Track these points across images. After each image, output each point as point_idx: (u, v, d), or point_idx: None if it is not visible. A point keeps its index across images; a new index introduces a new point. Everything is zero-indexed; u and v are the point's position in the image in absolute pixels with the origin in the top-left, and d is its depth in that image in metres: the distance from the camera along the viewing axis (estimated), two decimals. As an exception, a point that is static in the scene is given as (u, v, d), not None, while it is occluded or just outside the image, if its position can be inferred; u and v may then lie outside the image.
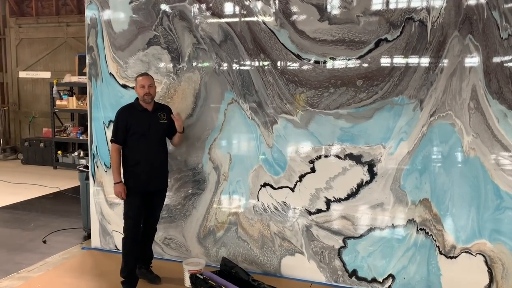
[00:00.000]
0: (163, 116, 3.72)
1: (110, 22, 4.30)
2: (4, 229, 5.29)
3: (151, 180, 3.67)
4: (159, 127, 3.69)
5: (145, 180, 3.63)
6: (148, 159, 3.62)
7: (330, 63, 3.66)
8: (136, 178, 3.63)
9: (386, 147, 3.61)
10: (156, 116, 3.69)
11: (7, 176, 8.15)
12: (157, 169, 3.71)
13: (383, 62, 3.54)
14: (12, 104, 10.63)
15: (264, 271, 4.04)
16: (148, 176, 3.64)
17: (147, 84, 3.60)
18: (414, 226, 3.61)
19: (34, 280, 3.87)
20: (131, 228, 3.63)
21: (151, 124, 3.64)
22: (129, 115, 3.63)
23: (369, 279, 3.76)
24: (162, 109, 3.77)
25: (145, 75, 3.68)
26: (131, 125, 3.59)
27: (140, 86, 3.60)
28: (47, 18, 10.02)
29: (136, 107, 3.68)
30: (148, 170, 3.63)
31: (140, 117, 3.63)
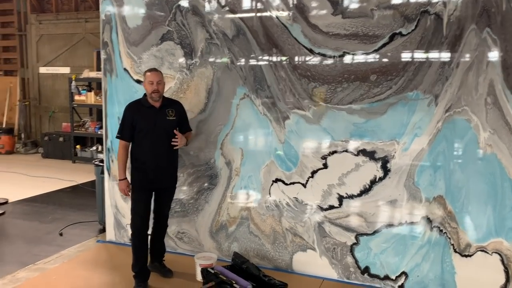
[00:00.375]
0: (171, 112, 3.62)
1: (124, 17, 4.32)
2: (23, 222, 5.41)
3: (157, 178, 3.62)
4: (166, 124, 3.58)
5: (151, 177, 3.59)
6: (154, 157, 3.56)
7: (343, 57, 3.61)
8: (142, 175, 3.60)
9: (400, 143, 3.55)
10: (164, 112, 3.59)
11: (27, 170, 8.32)
12: (163, 167, 3.64)
13: (397, 56, 3.48)
14: (33, 99, 10.83)
15: (276, 267, 4.04)
16: (154, 174, 3.59)
17: (155, 80, 3.50)
18: (428, 224, 3.55)
19: (49, 272, 3.95)
20: (139, 225, 3.61)
21: (157, 121, 3.56)
22: (135, 112, 3.58)
23: (382, 276, 3.72)
24: (171, 105, 3.67)
25: (154, 71, 3.58)
26: (137, 121, 3.54)
27: (149, 82, 3.51)
28: (66, 14, 10.16)
29: (143, 104, 3.61)
30: (154, 167, 3.57)
31: (146, 113, 3.56)
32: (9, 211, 5.80)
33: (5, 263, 4.17)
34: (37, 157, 9.87)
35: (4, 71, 11.20)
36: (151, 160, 3.56)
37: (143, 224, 3.64)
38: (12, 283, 3.70)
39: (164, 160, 3.63)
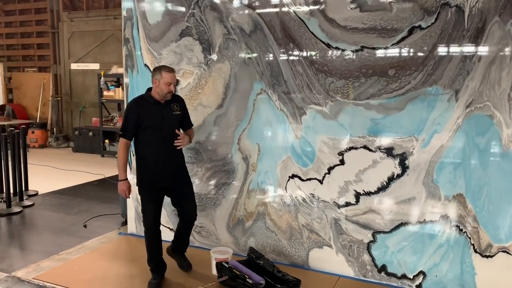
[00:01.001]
0: (176, 107, 3.56)
1: (145, 14, 4.39)
2: (50, 213, 5.60)
3: (167, 175, 3.52)
4: (172, 119, 3.53)
5: (160, 175, 3.50)
6: (163, 153, 3.48)
7: (361, 52, 3.54)
8: (150, 173, 3.50)
9: (419, 140, 3.46)
10: (169, 107, 3.53)
11: (58, 163, 8.60)
12: (172, 163, 3.55)
13: (416, 50, 3.39)
14: (65, 95, 11.18)
15: (292, 263, 4.03)
16: (163, 171, 3.50)
17: (173, 82, 3.46)
18: (447, 222, 3.45)
19: (71, 262, 4.08)
20: (151, 224, 3.54)
21: (165, 117, 3.48)
22: (140, 108, 3.46)
23: (399, 275, 3.65)
24: (174, 100, 3.59)
25: (173, 72, 3.50)
26: (143, 118, 3.43)
27: (167, 83, 3.42)
28: (96, 11, 10.41)
29: (147, 100, 3.50)
30: (162, 164, 3.48)
31: (152, 109, 3.46)
32: (38, 202, 6.02)
33: (31, 252, 4.33)
34: (68, 151, 10.19)
35: (38, 67, 11.60)
36: (159, 157, 3.47)
37: (155, 223, 3.57)
38: (36, 272, 3.84)
39: (172, 156, 3.54)
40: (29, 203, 5.88)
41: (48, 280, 3.67)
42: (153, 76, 3.50)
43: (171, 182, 3.58)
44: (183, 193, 3.68)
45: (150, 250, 3.62)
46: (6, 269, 3.90)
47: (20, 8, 11.50)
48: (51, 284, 3.61)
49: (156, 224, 3.60)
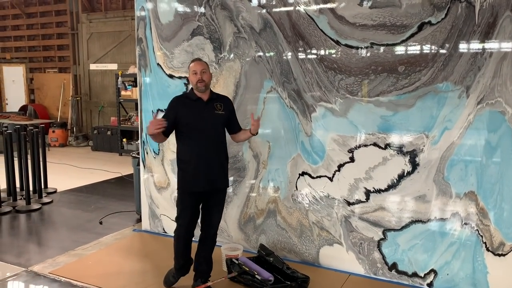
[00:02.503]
0: (219, 106, 3.32)
1: (157, 13, 4.45)
2: (68, 210, 5.73)
3: (204, 179, 3.24)
4: (214, 119, 3.28)
5: (197, 178, 3.24)
6: (200, 154, 3.22)
7: (370, 48, 3.53)
8: (187, 176, 3.26)
9: (429, 137, 3.43)
10: (212, 106, 3.29)
11: (77, 162, 8.79)
12: (211, 166, 3.26)
13: (426, 46, 3.36)
14: (84, 95, 11.40)
15: (303, 260, 4.04)
16: (201, 174, 3.23)
17: (199, 69, 3.21)
18: (459, 220, 3.41)
19: (86, 257, 4.18)
20: (184, 228, 3.33)
21: (205, 115, 3.25)
22: (180, 105, 3.29)
23: (410, 273, 3.62)
24: (220, 99, 3.39)
25: (198, 60, 3.33)
26: (182, 115, 3.24)
27: (193, 73, 3.23)
28: (114, 12, 10.59)
29: (189, 97, 3.33)
30: (200, 166, 3.22)
31: (193, 106, 3.26)
32: (57, 200, 6.17)
33: (48, 247, 4.45)
34: (87, 150, 10.39)
35: (58, 68, 11.87)
36: (196, 158, 3.22)
37: (188, 231, 3.36)
38: (52, 267, 3.95)
39: (211, 158, 3.26)
40: (48, 200, 6.03)
41: (63, 275, 3.77)
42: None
43: (209, 186, 3.28)
44: (216, 202, 3.40)
45: (177, 254, 3.44)
46: (23, 264, 4.02)
47: (41, 10, 11.79)
48: (66, 279, 3.71)
49: (189, 230, 3.37)
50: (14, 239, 4.72)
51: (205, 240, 3.45)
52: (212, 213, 3.39)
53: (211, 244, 3.48)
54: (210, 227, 3.41)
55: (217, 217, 3.42)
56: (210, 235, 3.44)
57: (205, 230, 3.43)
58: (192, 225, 3.38)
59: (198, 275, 3.51)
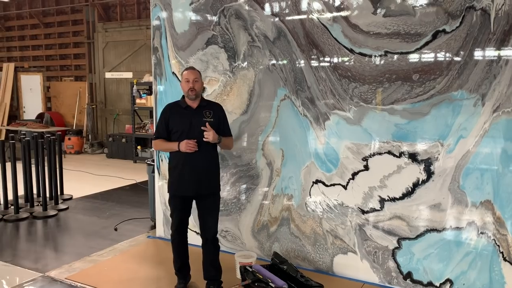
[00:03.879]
0: (208, 114, 3.44)
1: (173, 23, 4.52)
2: (83, 216, 5.80)
3: (188, 184, 3.39)
4: (202, 125, 3.37)
5: (181, 183, 3.41)
6: (189, 160, 3.36)
7: (384, 57, 3.53)
8: (175, 181, 3.45)
9: (444, 145, 3.41)
10: (201, 113, 3.42)
11: (92, 169, 8.90)
12: (199, 171, 3.39)
13: (441, 55, 3.35)
14: (99, 103, 11.56)
15: (317, 268, 4.03)
16: (189, 179, 3.39)
17: (192, 78, 3.37)
18: (475, 229, 3.38)
19: (102, 263, 4.22)
20: (175, 231, 3.56)
21: (193, 122, 3.38)
22: (171, 112, 3.46)
23: (425, 283, 3.59)
24: (209, 107, 3.50)
25: (191, 69, 3.49)
26: (172, 123, 3.42)
27: (185, 81, 3.38)
28: (129, 22, 10.75)
29: (180, 104, 3.49)
30: (188, 171, 3.38)
31: (182, 114, 3.42)
32: (72, 206, 6.25)
33: (64, 253, 4.51)
34: (102, 157, 10.52)
35: (74, 76, 12.06)
36: (183, 163, 3.39)
37: (177, 231, 3.56)
38: (68, 272, 4.00)
39: (199, 163, 3.39)
40: (64, 207, 6.12)
41: (79, 280, 3.82)
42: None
43: (197, 190, 3.43)
44: (207, 205, 3.52)
45: (174, 254, 3.66)
46: (40, 269, 4.08)
47: (58, 20, 12.02)
48: (81, 284, 3.75)
49: (179, 231, 3.58)
50: (31, 244, 4.79)
51: (206, 245, 3.59)
52: (205, 217, 3.53)
53: (213, 249, 3.59)
54: (206, 231, 3.55)
55: (211, 221, 3.53)
56: (209, 239, 3.55)
57: (203, 235, 3.59)
58: (182, 226, 3.58)
59: (210, 282, 3.62)
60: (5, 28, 13.07)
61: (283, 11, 3.93)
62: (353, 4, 3.62)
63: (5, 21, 13.11)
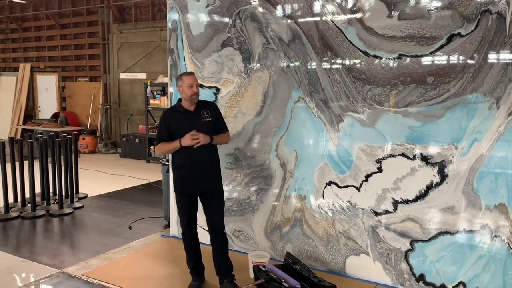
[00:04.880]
0: (206, 114, 3.59)
1: (189, 25, 4.59)
2: (98, 215, 5.90)
3: (197, 181, 3.56)
4: (203, 127, 3.54)
5: (191, 181, 3.56)
6: (192, 159, 3.51)
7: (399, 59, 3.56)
8: (182, 180, 3.59)
9: (458, 148, 3.42)
10: (199, 115, 3.57)
11: (106, 168, 9.02)
12: (203, 169, 3.56)
13: (455, 58, 3.37)
14: (114, 103, 11.71)
15: (329, 269, 4.05)
16: (193, 176, 3.54)
17: (195, 83, 3.51)
18: (488, 233, 3.38)
19: (117, 261, 4.30)
20: (185, 226, 3.68)
21: (193, 125, 3.51)
22: (171, 118, 3.58)
23: (438, 285, 3.59)
24: (205, 107, 3.64)
25: (192, 74, 3.60)
26: (174, 127, 3.54)
27: (189, 85, 3.49)
28: (144, 23, 10.88)
29: (177, 109, 3.60)
30: (192, 170, 3.53)
31: (182, 118, 3.55)
32: (87, 205, 6.36)
33: (80, 251, 4.60)
34: (115, 157, 10.65)
35: (89, 77, 12.23)
36: (189, 162, 3.53)
37: (189, 226, 3.69)
38: (84, 269, 4.08)
39: (202, 162, 3.55)
40: (79, 205, 6.22)
41: (96, 277, 3.90)
42: (177, 85, 3.63)
43: (202, 187, 3.59)
44: (213, 200, 3.66)
45: (186, 251, 3.77)
46: (58, 266, 4.17)
47: (74, 21, 12.21)
48: (98, 281, 3.83)
49: (189, 226, 3.70)
50: (48, 241, 4.89)
51: (215, 239, 3.68)
52: (212, 213, 3.67)
53: (223, 243, 3.70)
54: (215, 225, 3.67)
55: (218, 217, 3.67)
56: (218, 234, 3.67)
57: (212, 230, 3.69)
58: (192, 222, 3.71)
59: (222, 276, 3.69)
60: (22, 29, 13.31)
61: (298, 14, 3.97)
62: (368, 7, 3.64)
63: (22, 22, 13.35)
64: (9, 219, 5.57)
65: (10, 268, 4.14)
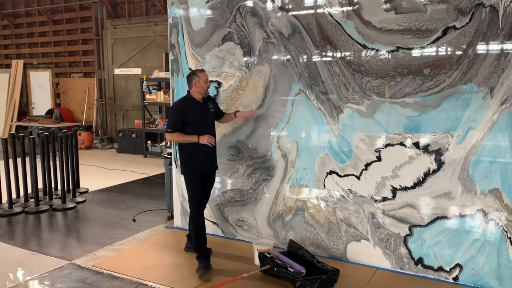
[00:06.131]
0: (211, 105, 4.13)
1: (189, 21, 4.68)
2: (101, 208, 5.99)
3: (208, 164, 4.08)
4: (210, 116, 4.11)
5: (203, 163, 4.03)
6: (205, 146, 3.93)
7: (396, 52, 3.69)
8: (196, 163, 3.99)
9: (454, 136, 3.58)
10: (207, 106, 4.08)
11: (104, 163, 9.09)
12: (212, 153, 4.09)
13: (451, 50, 3.51)
14: (109, 98, 11.73)
15: (330, 255, 4.20)
16: (205, 160, 4.02)
17: (208, 79, 4.06)
18: (484, 217, 3.55)
19: (124, 252, 4.41)
20: (198, 209, 4.02)
21: (205, 114, 4.03)
22: (185, 108, 3.95)
23: (436, 268, 3.76)
24: (209, 100, 4.15)
25: (205, 71, 4.11)
26: (189, 116, 3.93)
27: (205, 81, 3.99)
28: (138, 18, 10.90)
29: (190, 101, 4.01)
30: (205, 154, 4.00)
31: (195, 109, 3.98)
32: (89, 199, 6.44)
33: (86, 243, 4.70)
34: (112, 152, 10.70)
35: (83, 73, 12.23)
36: (201, 148, 3.95)
37: (201, 208, 4.08)
38: (93, 260, 4.19)
39: (212, 148, 4.04)
40: (81, 200, 6.31)
41: (105, 268, 4.00)
42: (191, 80, 3.99)
43: (210, 169, 4.15)
44: (212, 180, 4.28)
45: (197, 234, 4.02)
46: (66, 257, 4.27)
47: (67, 17, 12.18)
48: (108, 271, 3.94)
49: (201, 208, 4.09)
50: (54, 234, 4.98)
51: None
52: (209, 191, 4.27)
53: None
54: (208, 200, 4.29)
55: (210, 193, 4.33)
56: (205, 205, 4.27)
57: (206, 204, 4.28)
58: (204, 203, 4.16)
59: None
60: (14, 25, 13.24)
61: (298, 9, 4.08)
62: (366, 1, 3.77)
63: (14, 19, 13.27)
64: (13, 214, 5.64)
65: (20, 260, 4.23)
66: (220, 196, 4.73)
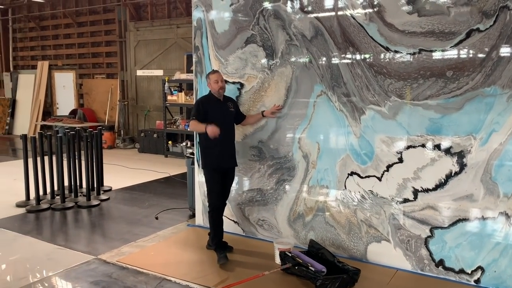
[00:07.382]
0: (231, 105, 4.35)
1: (213, 23, 4.78)
2: (124, 206, 6.13)
3: (226, 159, 4.28)
4: (230, 115, 4.33)
5: (221, 158, 4.23)
6: (223, 140, 4.15)
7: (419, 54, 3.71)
8: (214, 158, 4.21)
9: (477, 138, 3.58)
10: (226, 105, 4.31)
11: (126, 163, 9.27)
12: (230, 149, 4.30)
13: (474, 52, 3.52)
14: (131, 99, 11.95)
15: (351, 256, 4.23)
16: (224, 155, 4.24)
17: (220, 79, 4.23)
18: (506, 219, 3.54)
19: (148, 248, 4.52)
20: (216, 201, 4.23)
21: (224, 112, 4.27)
22: (207, 104, 4.21)
23: (457, 270, 3.76)
24: (229, 100, 4.39)
25: (217, 72, 4.33)
26: (210, 112, 4.16)
27: (215, 81, 4.20)
28: (160, 21, 11.09)
29: (211, 99, 4.27)
30: (223, 150, 4.22)
31: (216, 106, 4.23)
32: (113, 197, 6.60)
33: (111, 239, 4.83)
34: (134, 152, 10.90)
35: (106, 74, 12.49)
36: (220, 143, 4.15)
37: (219, 200, 4.27)
38: (118, 256, 4.31)
39: (229, 143, 4.29)
40: (105, 197, 6.47)
41: (130, 263, 4.12)
42: (206, 81, 4.33)
43: (229, 163, 4.34)
44: (231, 175, 4.46)
45: (215, 227, 4.24)
46: (93, 252, 4.40)
47: (91, 19, 12.47)
48: (132, 267, 4.05)
49: (219, 201, 4.27)
50: (80, 230, 5.13)
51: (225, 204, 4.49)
52: (230, 185, 4.47)
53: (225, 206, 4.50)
54: (227, 195, 4.48)
55: (230, 187, 4.51)
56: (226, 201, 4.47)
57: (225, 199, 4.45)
58: (222, 196, 4.33)
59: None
60: (40, 27, 13.61)
61: (321, 11, 4.13)
62: (389, 4, 3.80)
63: (40, 21, 13.65)
64: (41, 210, 5.82)
65: (49, 254, 4.38)
66: (241, 195, 4.80)
